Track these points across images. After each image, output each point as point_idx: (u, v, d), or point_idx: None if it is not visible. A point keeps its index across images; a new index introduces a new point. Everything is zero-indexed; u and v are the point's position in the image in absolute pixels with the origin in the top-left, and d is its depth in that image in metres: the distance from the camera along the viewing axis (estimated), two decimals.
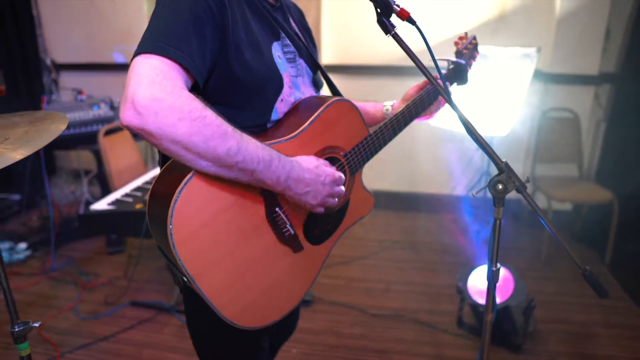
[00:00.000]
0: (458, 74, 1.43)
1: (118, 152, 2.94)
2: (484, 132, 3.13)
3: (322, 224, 1.19)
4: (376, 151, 1.27)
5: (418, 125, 2.94)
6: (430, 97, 1.35)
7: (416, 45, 1.10)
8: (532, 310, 2.32)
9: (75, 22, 4.26)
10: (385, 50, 3.55)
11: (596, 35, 3.32)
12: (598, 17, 3.28)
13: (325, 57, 3.79)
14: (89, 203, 3.96)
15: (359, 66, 3.73)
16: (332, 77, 1.40)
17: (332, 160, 1.18)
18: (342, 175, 1.12)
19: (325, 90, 1.37)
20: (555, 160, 3.54)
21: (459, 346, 2.39)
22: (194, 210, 0.92)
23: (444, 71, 1.40)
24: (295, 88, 1.16)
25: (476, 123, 2.93)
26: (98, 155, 3.34)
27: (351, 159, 1.22)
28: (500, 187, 1.14)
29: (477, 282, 2.37)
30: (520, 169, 3.75)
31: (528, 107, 3.50)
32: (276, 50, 1.11)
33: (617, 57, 3.41)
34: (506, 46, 3.34)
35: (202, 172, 0.91)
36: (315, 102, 1.16)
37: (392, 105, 1.40)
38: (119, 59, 4.30)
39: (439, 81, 1.09)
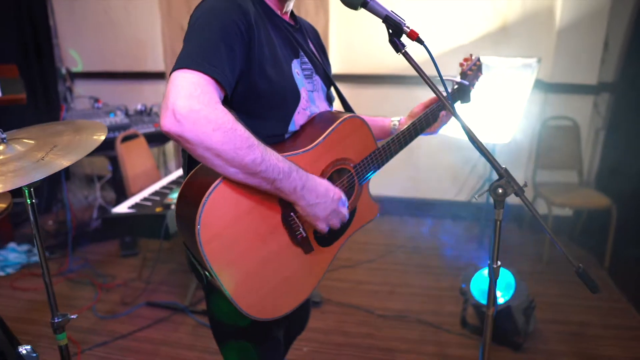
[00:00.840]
0: (462, 93, 1.54)
1: (134, 158, 3.06)
2: (486, 139, 3.28)
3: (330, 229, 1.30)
4: (383, 164, 1.38)
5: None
6: (434, 115, 1.47)
7: (420, 56, 1.21)
8: (533, 311, 2.42)
9: (90, 33, 4.41)
10: (390, 60, 3.66)
11: (595, 46, 3.43)
12: (597, 28, 3.39)
13: (334, 67, 3.88)
14: (102, 208, 4.09)
15: (366, 75, 3.85)
16: (340, 85, 1.51)
17: (342, 171, 1.29)
18: (347, 201, 1.23)
19: (337, 104, 1.49)
20: (555, 167, 3.65)
21: (462, 345, 2.49)
22: (220, 213, 1.03)
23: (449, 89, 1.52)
24: (311, 102, 1.27)
25: (479, 131, 3.10)
26: (114, 161, 3.47)
27: (360, 170, 1.33)
28: (500, 191, 1.24)
29: (480, 283, 2.47)
30: (522, 175, 3.85)
31: (529, 116, 3.61)
32: (295, 67, 1.22)
33: (616, 68, 3.52)
34: (508, 57, 3.47)
35: (229, 178, 1.02)
36: (329, 117, 1.27)
37: (399, 121, 1.52)
38: (132, 67, 4.44)
39: (446, 98, 1.20)
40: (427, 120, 1.46)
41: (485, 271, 2.49)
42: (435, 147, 3.84)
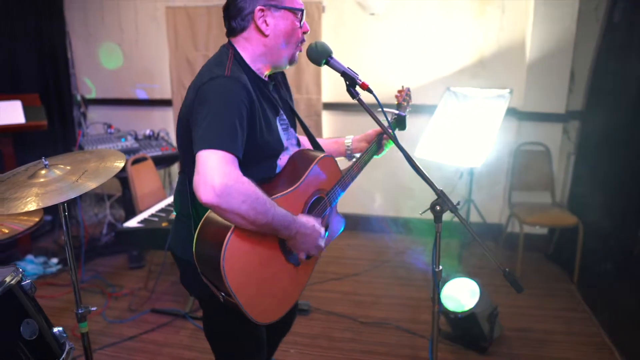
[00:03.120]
0: (399, 122, 1.91)
1: (142, 179, 3.39)
2: (461, 163, 3.59)
3: None
4: (347, 187, 1.72)
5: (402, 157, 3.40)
6: (380, 140, 1.85)
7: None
8: (496, 317, 2.70)
9: (103, 62, 4.81)
10: (378, 89, 4.01)
11: (562, 78, 3.77)
12: (563, 61, 3.73)
13: (326, 96, 4.26)
14: (111, 224, 4.42)
15: (355, 104, 4.18)
16: (330, 113, 1.84)
17: (319, 199, 1.61)
18: (325, 233, 1.56)
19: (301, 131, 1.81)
20: (530, 189, 3.95)
21: None
22: (236, 250, 1.32)
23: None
24: (287, 148, 1.58)
25: (455, 155, 3.54)
26: (124, 181, 3.81)
27: (331, 196, 1.66)
28: (438, 208, 1.56)
29: (448, 292, 2.76)
30: (500, 195, 4.16)
31: (505, 142, 3.93)
32: (278, 124, 1.54)
33: (583, 97, 3.85)
34: (483, 88, 3.81)
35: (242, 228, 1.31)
36: (305, 158, 1.58)
37: (351, 139, 1.88)
38: (141, 95, 4.81)
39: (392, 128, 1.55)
40: (375, 148, 1.84)
41: (452, 282, 2.78)
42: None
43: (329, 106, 4.27)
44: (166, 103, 4.67)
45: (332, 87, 4.25)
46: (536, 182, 3.94)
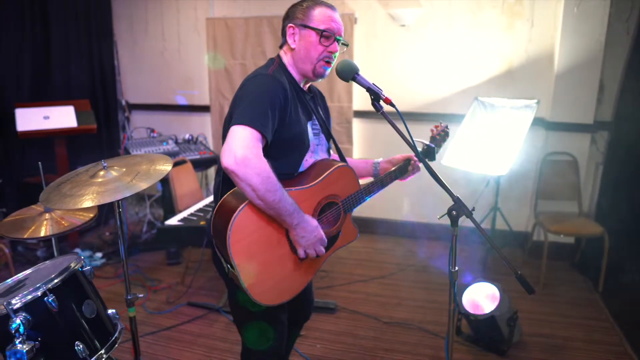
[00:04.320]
0: (428, 153, 1.99)
1: (182, 181, 3.62)
2: (488, 170, 3.69)
3: None
4: (363, 201, 1.86)
5: (437, 166, 3.52)
6: (405, 168, 1.95)
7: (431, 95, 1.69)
8: (516, 321, 2.78)
9: (147, 70, 5.11)
10: (406, 100, 4.15)
11: (591, 88, 3.81)
12: (592, 72, 3.77)
13: (356, 104, 4.41)
14: (151, 223, 4.68)
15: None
16: (359, 120, 1.95)
17: (332, 204, 1.77)
18: (326, 241, 1.69)
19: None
20: (556, 198, 4.00)
21: (455, 350, 2.86)
22: (244, 225, 1.50)
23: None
24: (315, 152, 1.78)
25: (482, 163, 3.69)
26: (164, 182, 4.06)
27: (345, 204, 1.81)
28: (454, 213, 1.69)
29: (470, 296, 2.87)
30: (527, 205, 4.22)
31: (532, 151, 4.00)
32: (309, 127, 1.73)
33: (612, 108, 3.88)
34: (511, 98, 3.90)
35: (253, 204, 1.50)
36: (326, 164, 1.77)
37: (379, 162, 2.01)
38: (181, 101, 5.08)
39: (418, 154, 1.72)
40: (399, 172, 1.96)
41: (474, 286, 2.88)
42: (447, 179, 4.24)
43: (359, 114, 4.42)
44: (204, 109, 4.92)
45: (362, 95, 4.40)
46: (563, 191, 3.98)
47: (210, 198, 3.62)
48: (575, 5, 3.69)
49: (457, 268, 1.80)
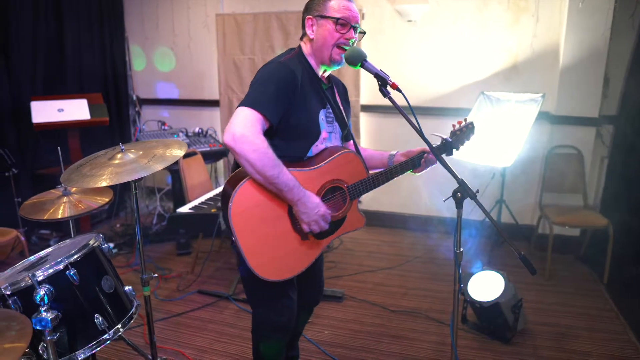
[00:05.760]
0: (446, 148, 1.95)
1: (192, 172, 3.69)
2: (493, 162, 3.74)
3: None
4: (371, 189, 1.89)
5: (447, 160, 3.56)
6: (418, 161, 1.94)
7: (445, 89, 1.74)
8: (520, 309, 2.83)
9: (157, 65, 5.19)
10: (412, 94, 4.20)
11: (596, 82, 3.84)
12: (597, 67, 3.81)
13: (364, 98, 4.47)
14: (161, 215, 4.76)
15: (390, 107, 4.37)
16: (367, 115, 2.01)
17: (337, 188, 1.82)
18: (329, 216, 1.75)
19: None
20: (562, 191, 4.03)
21: (461, 337, 2.91)
22: (244, 198, 1.60)
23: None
24: (328, 140, 1.84)
25: (487, 155, 3.74)
26: (174, 174, 4.14)
27: (351, 190, 1.86)
28: (459, 195, 1.74)
29: (475, 284, 2.92)
30: (532, 197, 4.26)
31: (537, 144, 4.04)
32: (321, 115, 1.80)
33: (617, 102, 3.91)
34: (516, 92, 3.94)
35: (254, 179, 1.59)
36: (333, 150, 1.82)
37: (395, 154, 2.02)
38: (191, 95, 5.16)
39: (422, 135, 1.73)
40: (412, 163, 1.95)
41: (479, 274, 2.93)
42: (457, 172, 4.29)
43: (366, 108, 4.48)
44: (214, 103, 5.00)
45: (369, 89, 4.46)
46: (568, 184, 4.01)
47: (219, 189, 3.69)
48: (580, 1, 3.72)
49: (462, 249, 1.85)
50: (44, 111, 3.66)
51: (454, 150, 1.95)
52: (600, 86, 3.85)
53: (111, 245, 4.06)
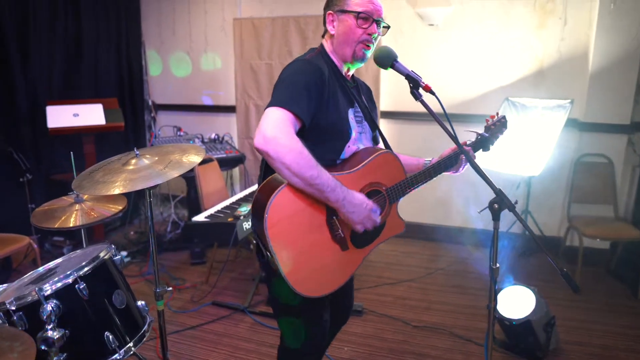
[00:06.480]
0: (482, 143, 1.91)
1: (208, 179, 3.60)
2: (520, 171, 3.59)
3: (364, 234, 1.67)
4: (409, 191, 1.77)
5: (469, 169, 3.43)
6: (453, 159, 1.84)
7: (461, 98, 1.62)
8: (553, 327, 2.67)
9: (173, 70, 5.14)
10: (434, 100, 4.06)
11: (627, 88, 3.68)
12: (629, 71, 3.65)
13: (385, 105, 4.35)
14: (175, 223, 4.68)
15: (412, 113, 4.26)
16: (388, 122, 1.94)
17: (376, 192, 1.70)
18: (379, 209, 1.62)
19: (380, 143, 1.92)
20: (591, 202, 3.86)
21: None
22: (281, 208, 1.45)
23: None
24: (359, 140, 1.72)
25: (513, 164, 3.57)
26: (189, 181, 4.05)
27: (391, 193, 1.73)
28: (496, 206, 1.61)
29: (503, 300, 2.76)
30: (558, 208, 4.08)
31: (565, 152, 3.88)
32: (350, 114, 1.68)
33: None
34: (543, 98, 3.79)
35: (292, 185, 1.46)
36: (370, 151, 1.70)
37: (430, 160, 1.91)
38: (207, 101, 5.09)
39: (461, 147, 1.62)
40: (450, 161, 1.84)
41: (507, 289, 2.78)
42: (477, 181, 4.14)
43: (386, 114, 4.36)
44: (230, 109, 4.92)
45: (390, 95, 4.34)
46: (598, 194, 3.84)
47: (238, 195, 3.59)
48: (611, 2, 3.57)
49: (498, 265, 1.71)
50: (59, 116, 3.60)
51: (490, 146, 1.91)
52: (633, 91, 3.68)
53: (124, 253, 4.05)
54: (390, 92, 4.33)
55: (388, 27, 1.72)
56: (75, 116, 3.67)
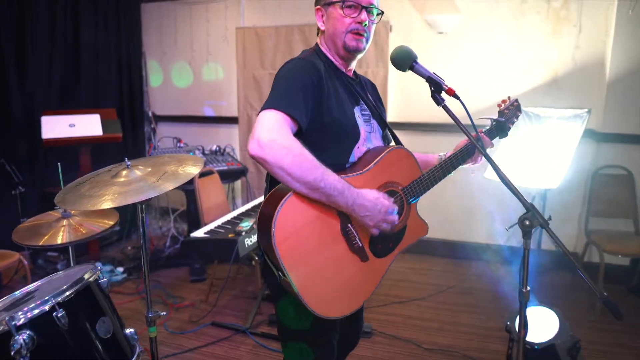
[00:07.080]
0: (499, 129, 1.79)
1: (208, 192, 3.44)
2: (536, 184, 3.40)
3: (384, 241, 1.52)
4: (429, 187, 1.61)
5: (476, 180, 3.29)
6: (473, 148, 1.69)
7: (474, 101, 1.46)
8: (578, 351, 2.47)
9: (174, 80, 5.01)
10: (442, 110, 3.91)
11: None
12: None
13: (391, 115, 4.20)
14: (174, 237, 4.51)
15: (419, 123, 4.11)
16: (395, 132, 1.80)
17: (392, 192, 1.53)
18: (396, 208, 1.46)
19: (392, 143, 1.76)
20: (610, 216, 3.67)
21: None
22: (290, 220, 1.29)
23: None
24: (368, 140, 1.56)
25: (529, 176, 3.34)
26: (188, 195, 3.88)
27: (408, 192, 1.56)
28: (527, 222, 1.44)
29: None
30: (575, 223, 3.90)
31: (582, 164, 3.70)
32: (357, 112, 1.53)
33: None
34: (558, 107, 3.63)
35: (296, 192, 1.29)
36: (380, 149, 1.55)
37: (445, 154, 1.75)
38: (209, 112, 4.95)
39: (479, 138, 1.46)
40: (468, 152, 1.69)
41: (529, 309, 2.59)
42: (486, 194, 3.96)
43: (394, 126, 4.17)
44: (232, 120, 4.77)
45: (397, 105, 4.19)
46: (617, 208, 3.66)
47: (240, 209, 3.42)
48: (630, 8, 3.43)
49: (528, 288, 1.53)
50: (54, 126, 3.46)
51: (507, 132, 1.82)
52: None
53: (121, 269, 3.88)
54: (398, 102, 4.18)
55: (382, 13, 1.58)
56: (71, 127, 3.52)
